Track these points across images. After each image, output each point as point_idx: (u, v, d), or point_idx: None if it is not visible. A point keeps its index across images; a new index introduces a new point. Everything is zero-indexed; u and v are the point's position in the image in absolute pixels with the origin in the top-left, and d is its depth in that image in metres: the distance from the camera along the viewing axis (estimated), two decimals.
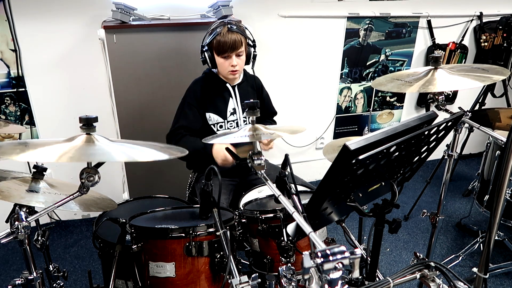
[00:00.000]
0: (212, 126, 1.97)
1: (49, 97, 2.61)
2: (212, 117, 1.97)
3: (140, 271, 1.44)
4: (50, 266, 1.57)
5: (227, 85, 1.98)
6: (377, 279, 1.31)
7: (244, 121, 2.02)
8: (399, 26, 3.18)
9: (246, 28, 1.94)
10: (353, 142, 0.88)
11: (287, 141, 3.22)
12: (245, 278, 1.16)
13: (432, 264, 1.14)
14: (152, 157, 1.15)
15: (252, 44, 1.95)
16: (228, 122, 1.99)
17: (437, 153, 1.60)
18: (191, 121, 1.93)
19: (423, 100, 3.51)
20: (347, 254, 0.72)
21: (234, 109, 1.99)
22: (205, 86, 1.97)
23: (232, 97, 1.99)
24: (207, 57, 1.90)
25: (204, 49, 1.90)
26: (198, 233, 1.37)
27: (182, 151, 1.22)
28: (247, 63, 1.97)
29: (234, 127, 2.00)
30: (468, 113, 1.69)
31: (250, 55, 1.95)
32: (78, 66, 2.59)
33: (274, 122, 2.26)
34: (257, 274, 1.16)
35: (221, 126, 1.99)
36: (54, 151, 1.07)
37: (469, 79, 1.47)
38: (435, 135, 1.12)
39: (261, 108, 2.14)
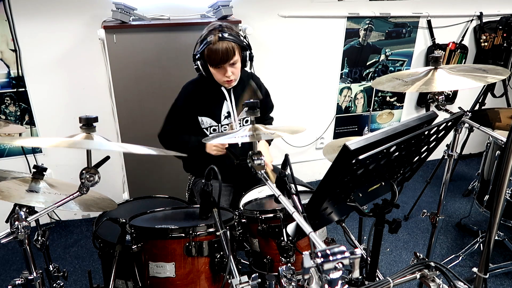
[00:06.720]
0: (204, 130, 1.94)
1: (49, 97, 2.61)
2: (205, 121, 1.92)
3: (140, 271, 1.44)
4: (50, 266, 1.57)
5: (222, 88, 1.91)
6: (377, 279, 1.31)
7: (239, 123, 1.97)
8: (399, 26, 3.18)
9: (238, 32, 1.85)
10: (353, 142, 0.88)
11: (287, 141, 3.22)
12: (245, 278, 1.16)
13: (432, 264, 1.14)
14: (146, 151, 1.11)
15: (246, 47, 1.86)
16: (222, 125, 1.95)
17: (437, 153, 1.60)
18: (179, 125, 1.93)
19: (423, 100, 3.52)
20: (347, 254, 0.72)
21: (228, 112, 1.94)
22: (198, 89, 1.92)
23: (226, 100, 1.92)
24: (200, 66, 1.83)
25: (196, 57, 1.83)
26: (198, 233, 1.37)
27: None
28: (243, 66, 1.89)
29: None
30: (468, 113, 1.69)
31: (245, 59, 1.86)
32: (78, 66, 2.59)
33: (272, 119, 2.22)
34: (257, 274, 1.16)
35: (214, 130, 1.94)
36: (51, 140, 1.08)
37: (469, 79, 1.46)
38: (435, 135, 1.12)
39: (260, 106, 2.13)
